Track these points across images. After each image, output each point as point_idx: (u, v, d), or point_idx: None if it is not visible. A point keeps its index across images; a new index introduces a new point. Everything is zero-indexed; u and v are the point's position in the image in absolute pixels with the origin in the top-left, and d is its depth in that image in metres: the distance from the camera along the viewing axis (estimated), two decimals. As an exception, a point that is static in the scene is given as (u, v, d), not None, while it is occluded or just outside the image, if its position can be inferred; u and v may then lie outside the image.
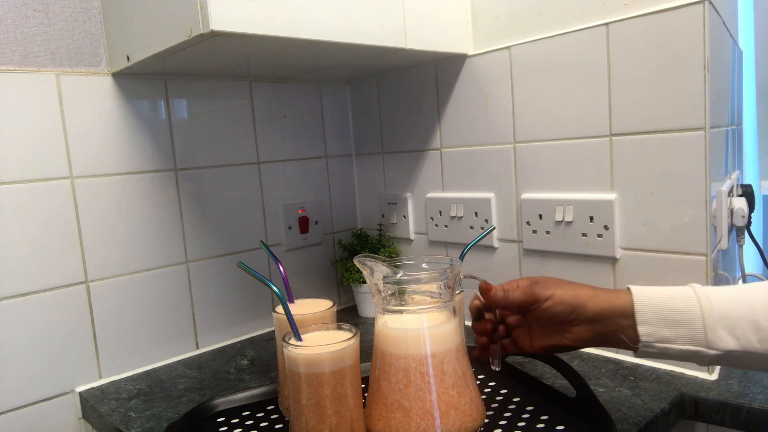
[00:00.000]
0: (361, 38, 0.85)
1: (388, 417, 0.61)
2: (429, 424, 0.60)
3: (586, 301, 0.60)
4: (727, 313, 0.55)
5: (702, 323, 0.55)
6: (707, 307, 0.56)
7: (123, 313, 0.96)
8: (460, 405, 0.61)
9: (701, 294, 0.57)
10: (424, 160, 1.14)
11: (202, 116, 1.05)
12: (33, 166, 0.87)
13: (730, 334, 0.55)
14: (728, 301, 0.56)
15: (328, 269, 1.27)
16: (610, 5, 0.83)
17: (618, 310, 0.58)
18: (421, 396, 0.60)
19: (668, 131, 0.79)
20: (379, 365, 0.63)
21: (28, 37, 0.86)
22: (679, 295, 0.57)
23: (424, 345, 0.61)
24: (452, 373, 0.62)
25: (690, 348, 0.56)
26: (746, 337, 0.54)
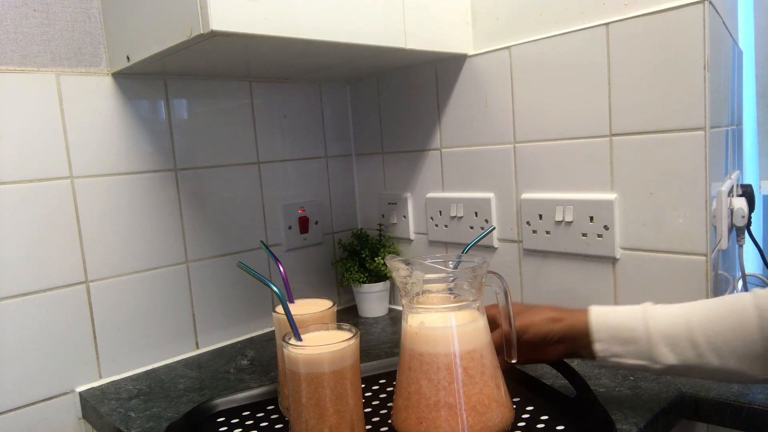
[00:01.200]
0: (361, 38, 0.85)
1: (434, 417, 0.60)
2: (477, 418, 0.60)
3: (553, 327, 0.69)
4: (668, 331, 0.63)
5: (647, 341, 0.64)
6: (652, 326, 0.64)
7: (123, 313, 0.96)
8: (500, 397, 0.63)
9: (648, 314, 0.65)
10: (424, 160, 1.14)
11: (202, 116, 1.05)
12: (33, 166, 0.87)
13: (671, 351, 0.62)
14: (670, 320, 0.63)
15: (328, 269, 1.27)
16: (610, 5, 0.83)
17: (578, 331, 0.67)
18: (467, 391, 0.61)
19: (668, 131, 0.79)
20: (416, 366, 0.62)
21: (28, 37, 0.86)
22: (629, 314, 0.66)
23: (468, 341, 0.62)
24: (490, 366, 0.63)
25: (639, 362, 0.64)
26: (684, 353, 0.62)
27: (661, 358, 0.63)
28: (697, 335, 0.61)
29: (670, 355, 0.62)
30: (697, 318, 0.62)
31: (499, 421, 0.62)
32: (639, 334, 0.64)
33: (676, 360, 0.62)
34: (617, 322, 0.65)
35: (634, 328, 0.64)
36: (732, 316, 0.61)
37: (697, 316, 0.62)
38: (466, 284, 0.64)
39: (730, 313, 0.61)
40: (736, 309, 0.61)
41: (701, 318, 0.62)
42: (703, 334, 0.61)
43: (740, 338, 0.60)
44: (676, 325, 0.63)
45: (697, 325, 0.62)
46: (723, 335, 0.60)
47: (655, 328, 0.63)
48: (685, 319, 0.63)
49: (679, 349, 0.62)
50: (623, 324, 0.65)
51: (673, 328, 0.63)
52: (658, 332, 0.63)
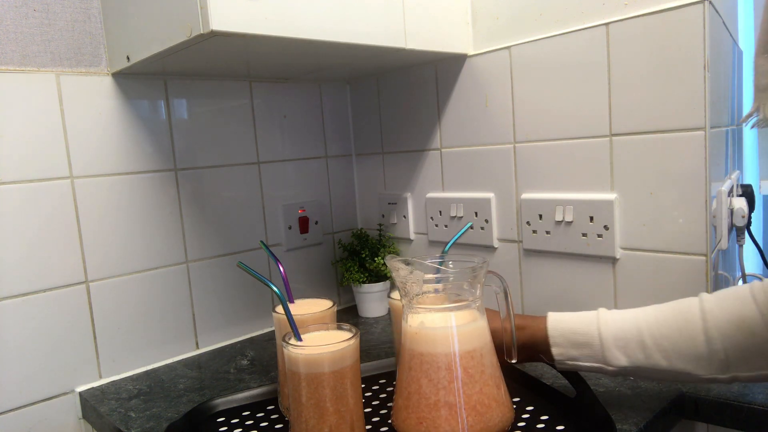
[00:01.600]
0: (361, 38, 0.85)
1: (434, 416, 0.60)
2: (477, 418, 0.60)
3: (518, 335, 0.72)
4: (619, 335, 0.66)
5: (600, 345, 0.67)
6: (604, 330, 0.67)
7: (123, 313, 0.96)
8: (500, 397, 0.63)
9: (601, 319, 0.68)
10: (424, 160, 1.14)
11: (202, 116, 1.05)
12: (33, 166, 0.87)
13: (623, 353, 0.66)
14: (621, 324, 0.67)
15: (328, 269, 1.27)
16: (610, 5, 0.83)
17: (538, 337, 0.70)
18: (467, 391, 0.61)
19: (668, 131, 0.79)
20: (416, 366, 0.62)
21: (28, 37, 0.86)
22: (584, 320, 0.69)
23: (467, 341, 0.62)
24: (490, 366, 0.64)
25: (594, 365, 0.68)
26: (635, 355, 0.65)
27: (613, 360, 0.66)
28: (646, 338, 0.65)
29: (621, 358, 0.66)
30: (646, 321, 0.66)
31: (499, 421, 0.62)
32: (593, 339, 0.67)
33: (627, 362, 0.65)
34: (572, 327, 0.69)
35: (588, 332, 0.68)
36: (678, 319, 0.64)
37: (646, 320, 0.66)
38: (466, 284, 0.64)
39: (676, 316, 0.65)
40: (682, 312, 0.65)
41: (650, 321, 0.65)
42: (651, 336, 0.65)
43: (686, 340, 0.63)
44: (627, 329, 0.66)
45: (646, 328, 0.65)
46: (670, 338, 0.64)
47: (607, 332, 0.67)
48: (635, 323, 0.66)
49: (630, 352, 0.65)
50: (578, 329, 0.68)
51: (624, 332, 0.66)
52: (610, 336, 0.66)
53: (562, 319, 0.70)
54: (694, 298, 0.65)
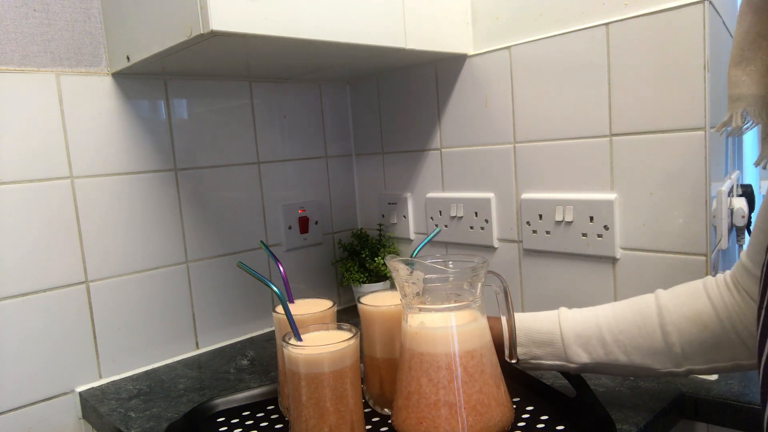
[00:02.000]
0: (361, 38, 0.85)
1: (434, 416, 0.60)
2: (477, 418, 0.61)
3: None
4: (580, 333, 0.68)
5: (561, 343, 0.68)
6: (565, 328, 0.68)
7: (123, 313, 0.96)
8: (500, 396, 0.63)
9: (562, 317, 0.69)
10: (424, 160, 1.14)
11: (202, 116, 1.05)
12: (33, 166, 0.87)
13: (584, 350, 0.67)
14: (582, 322, 0.68)
15: (328, 269, 1.27)
16: (610, 5, 0.83)
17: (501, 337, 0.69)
18: (467, 391, 0.61)
19: (668, 131, 0.79)
20: (416, 366, 0.62)
21: (28, 37, 0.86)
22: (546, 319, 0.70)
23: (468, 341, 0.63)
24: (489, 366, 0.64)
25: (556, 363, 0.69)
26: (596, 351, 0.67)
27: (575, 357, 0.68)
28: (606, 334, 0.66)
29: (583, 355, 0.67)
30: (605, 318, 0.67)
31: (499, 421, 0.62)
32: (554, 337, 0.69)
33: (588, 359, 0.67)
34: (535, 326, 0.70)
35: (550, 331, 0.69)
36: (636, 316, 0.66)
37: (605, 317, 0.67)
38: (466, 284, 0.64)
39: (634, 313, 0.66)
40: (639, 309, 0.66)
41: (609, 318, 0.67)
42: (610, 333, 0.66)
43: (643, 336, 0.65)
44: (587, 327, 0.67)
45: (605, 325, 0.67)
46: (628, 333, 0.65)
47: (568, 330, 0.68)
48: (595, 320, 0.67)
49: (591, 348, 0.67)
50: (540, 328, 0.70)
51: (585, 329, 0.67)
52: (571, 334, 0.68)
53: (524, 319, 0.71)
54: (650, 295, 0.67)
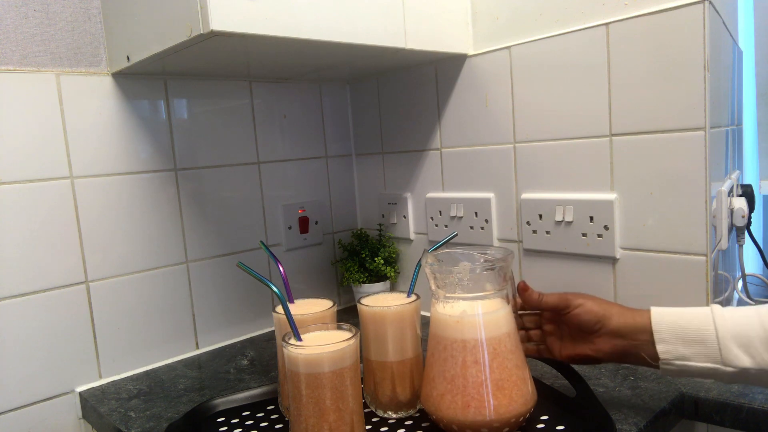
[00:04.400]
0: (361, 38, 0.85)
1: (481, 396, 0.63)
2: (518, 392, 0.64)
3: (611, 314, 0.64)
4: (741, 332, 0.57)
5: (716, 341, 0.58)
6: (721, 325, 0.58)
7: (123, 313, 0.96)
8: (527, 373, 0.67)
9: (717, 313, 0.59)
10: (424, 160, 1.14)
11: (202, 116, 1.05)
12: (33, 166, 0.87)
13: (745, 353, 0.56)
14: (743, 321, 0.57)
15: (328, 269, 1.27)
16: (610, 5, 0.83)
17: (639, 327, 0.62)
18: (509, 367, 0.65)
19: (668, 131, 0.79)
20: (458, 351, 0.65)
21: (28, 37, 0.86)
22: (695, 314, 0.60)
23: (507, 324, 0.66)
24: (519, 349, 0.67)
25: (708, 365, 0.58)
26: (761, 355, 0.56)
27: (733, 360, 0.57)
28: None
29: (744, 358, 0.57)
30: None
31: (532, 393, 0.66)
32: (707, 334, 0.58)
33: (750, 363, 0.56)
34: (681, 321, 0.60)
35: (702, 327, 0.58)
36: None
37: (766, 316, 0.57)
38: (495, 274, 0.67)
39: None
40: None
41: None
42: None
43: None
44: (749, 326, 0.57)
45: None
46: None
47: (724, 328, 0.58)
48: (758, 319, 0.57)
49: (754, 351, 0.56)
50: (689, 324, 0.59)
51: (746, 329, 0.57)
52: (728, 332, 0.57)
53: (669, 312, 0.61)
54: None
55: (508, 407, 0.63)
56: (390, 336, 0.71)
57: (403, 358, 0.72)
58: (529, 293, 0.71)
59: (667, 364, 0.60)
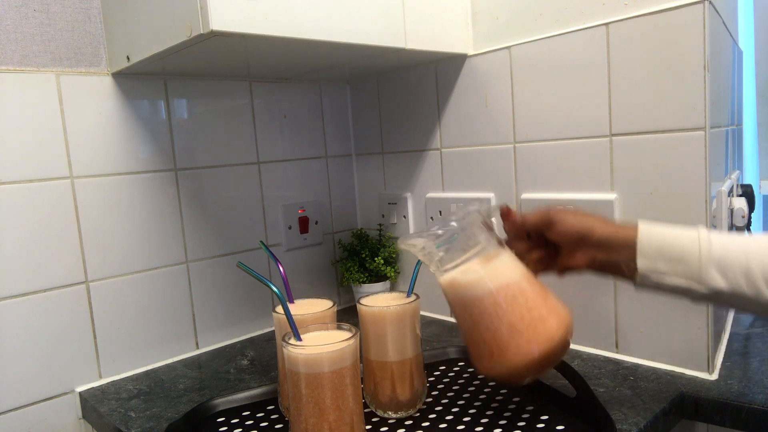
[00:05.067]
0: (361, 38, 0.85)
1: (540, 330, 0.64)
2: (559, 318, 0.65)
3: (594, 227, 0.65)
4: (723, 256, 0.59)
5: (698, 261, 0.59)
6: (706, 248, 0.59)
7: (123, 313, 0.96)
8: (553, 298, 0.68)
9: (703, 236, 0.60)
10: (424, 160, 1.14)
11: (202, 116, 1.05)
12: (33, 166, 0.87)
13: (722, 276, 0.58)
14: (727, 247, 0.59)
15: (328, 269, 1.27)
16: (610, 5, 0.83)
17: (621, 241, 0.63)
18: (543, 300, 0.66)
19: (668, 131, 0.79)
20: (507, 301, 0.65)
21: (28, 37, 0.86)
22: (683, 234, 0.61)
23: (517, 267, 0.68)
24: (534, 282, 0.68)
25: (682, 283, 0.60)
26: (736, 280, 0.58)
27: (710, 281, 0.59)
28: (754, 266, 0.57)
29: (720, 280, 0.58)
30: (757, 249, 0.58)
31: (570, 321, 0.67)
32: (690, 254, 0.60)
33: (725, 286, 0.58)
34: (667, 239, 0.61)
35: (686, 246, 0.60)
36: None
37: (757, 247, 0.58)
38: (476, 230, 0.68)
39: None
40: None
41: (760, 249, 0.58)
42: (760, 265, 0.57)
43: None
44: (733, 252, 0.59)
45: (756, 255, 0.58)
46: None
47: (708, 250, 0.59)
48: (744, 248, 0.59)
49: (731, 276, 0.58)
50: (674, 241, 0.61)
51: (729, 254, 0.59)
52: (711, 255, 0.59)
53: (656, 229, 0.62)
54: None
55: (558, 326, 0.65)
56: (390, 336, 0.71)
57: (402, 357, 0.72)
58: (512, 216, 0.71)
59: (644, 278, 0.62)
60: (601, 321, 0.89)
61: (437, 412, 0.74)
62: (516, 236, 0.73)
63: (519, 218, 0.71)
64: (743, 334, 0.93)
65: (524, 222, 0.71)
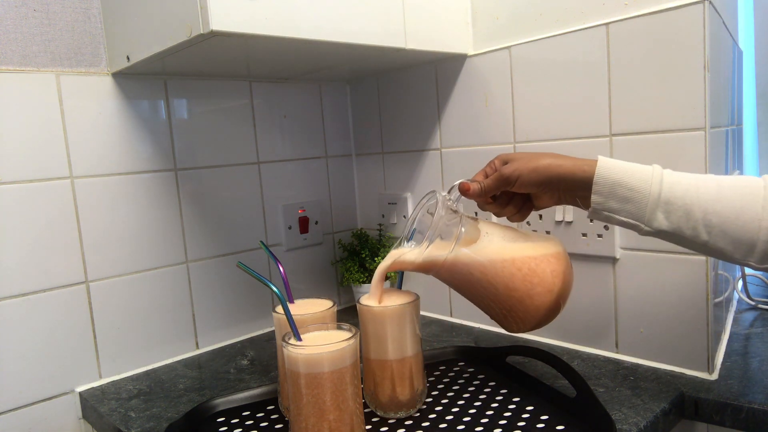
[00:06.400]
0: (361, 38, 0.85)
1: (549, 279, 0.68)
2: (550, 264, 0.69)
3: (552, 169, 0.67)
4: (670, 200, 0.62)
5: (645, 204, 0.63)
6: (656, 191, 0.63)
7: (123, 313, 0.96)
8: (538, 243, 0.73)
9: (656, 177, 0.63)
10: (424, 160, 1.14)
11: (202, 116, 1.05)
12: (33, 166, 0.87)
13: (666, 218, 0.62)
14: (676, 189, 0.62)
15: (328, 269, 1.27)
16: (610, 5, 0.83)
17: (578, 181, 0.66)
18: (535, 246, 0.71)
19: (668, 131, 0.79)
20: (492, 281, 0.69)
21: (28, 37, 0.86)
22: (637, 174, 0.64)
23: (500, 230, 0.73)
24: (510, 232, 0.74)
25: (630, 221, 0.64)
26: (678, 222, 0.62)
27: (654, 223, 0.63)
28: (696, 209, 0.61)
29: (664, 222, 0.62)
30: (706, 192, 0.61)
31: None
32: (641, 196, 0.63)
33: (668, 227, 0.62)
34: (622, 178, 0.64)
35: (638, 189, 0.63)
36: (735, 202, 0.60)
37: (705, 190, 0.61)
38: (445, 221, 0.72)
39: (735, 197, 0.61)
40: (743, 195, 0.61)
41: (709, 193, 0.61)
42: (701, 210, 0.61)
43: (736, 224, 0.60)
44: (680, 196, 0.62)
45: (702, 200, 0.61)
46: (721, 215, 0.60)
47: (657, 194, 0.62)
48: (693, 192, 0.62)
49: (674, 218, 0.62)
50: (627, 181, 0.64)
51: (676, 198, 0.62)
52: (660, 199, 0.62)
53: (614, 167, 0.65)
54: (760, 181, 0.61)
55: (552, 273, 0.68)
56: (390, 335, 0.71)
57: (402, 356, 0.72)
58: (471, 190, 0.74)
59: (595, 213, 0.66)
60: (601, 321, 0.89)
61: (437, 412, 0.74)
62: (486, 202, 0.75)
63: (479, 189, 0.73)
64: (743, 334, 0.93)
65: (485, 191, 0.73)
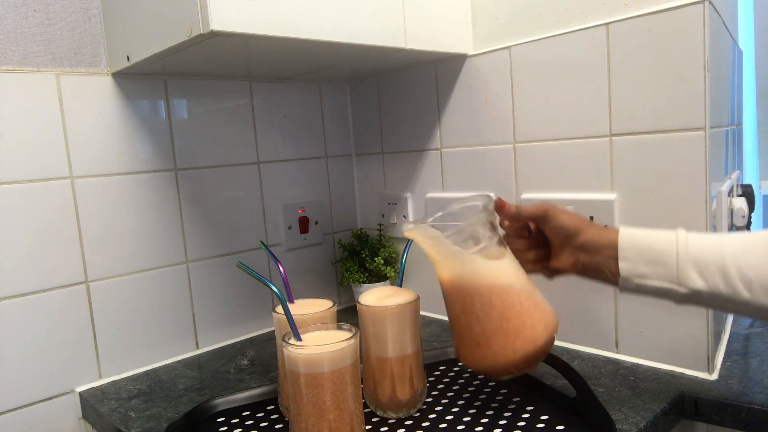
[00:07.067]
0: (361, 38, 0.85)
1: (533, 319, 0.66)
2: (546, 323, 0.67)
3: (580, 228, 0.67)
4: (700, 257, 0.60)
5: (676, 263, 0.61)
6: (683, 249, 0.61)
7: (123, 313, 0.96)
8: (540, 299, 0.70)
9: (681, 238, 0.62)
10: (424, 160, 1.14)
11: (202, 116, 1.05)
12: (33, 166, 0.87)
13: (700, 276, 0.60)
14: (704, 247, 0.61)
15: (328, 269, 1.27)
16: (610, 5, 0.83)
17: (604, 244, 0.65)
18: (539, 303, 0.68)
19: (668, 131, 0.79)
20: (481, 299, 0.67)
21: (28, 37, 0.86)
22: (661, 237, 0.63)
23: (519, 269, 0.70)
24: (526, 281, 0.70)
25: (664, 285, 0.62)
26: (714, 280, 0.59)
27: (689, 282, 0.60)
28: (729, 265, 0.59)
29: (698, 281, 0.60)
30: (732, 248, 0.60)
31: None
32: (668, 257, 0.61)
33: (704, 286, 0.60)
34: (647, 242, 0.63)
35: (664, 249, 0.62)
36: (762, 252, 0.58)
37: (731, 246, 0.60)
38: (481, 228, 0.69)
39: (765, 248, 0.58)
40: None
41: (735, 248, 0.59)
42: (735, 265, 0.59)
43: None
44: (709, 253, 0.60)
45: (731, 255, 0.59)
46: (756, 269, 0.58)
47: (686, 251, 0.61)
48: (719, 247, 0.60)
49: (709, 276, 0.60)
50: (653, 245, 0.63)
51: (705, 255, 0.60)
52: (689, 256, 0.61)
53: (636, 234, 0.64)
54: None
55: (543, 330, 0.66)
56: (390, 334, 0.71)
57: (402, 354, 0.72)
58: (506, 208, 0.72)
59: (626, 281, 0.64)
60: (601, 321, 0.89)
61: (437, 412, 0.74)
62: (515, 234, 0.74)
63: (514, 209, 0.72)
64: (743, 334, 0.93)
65: (519, 213, 0.71)
